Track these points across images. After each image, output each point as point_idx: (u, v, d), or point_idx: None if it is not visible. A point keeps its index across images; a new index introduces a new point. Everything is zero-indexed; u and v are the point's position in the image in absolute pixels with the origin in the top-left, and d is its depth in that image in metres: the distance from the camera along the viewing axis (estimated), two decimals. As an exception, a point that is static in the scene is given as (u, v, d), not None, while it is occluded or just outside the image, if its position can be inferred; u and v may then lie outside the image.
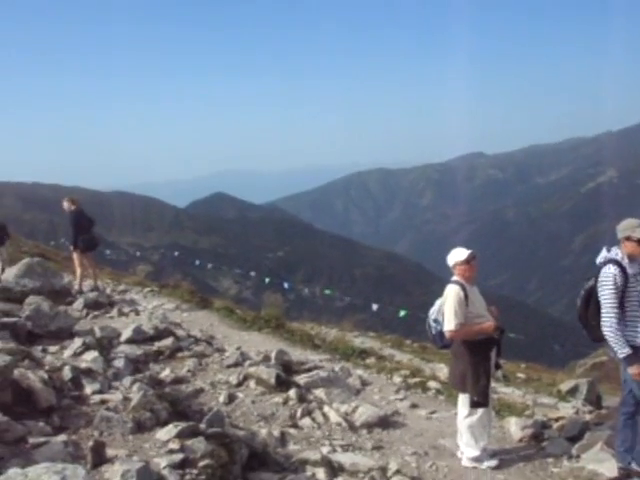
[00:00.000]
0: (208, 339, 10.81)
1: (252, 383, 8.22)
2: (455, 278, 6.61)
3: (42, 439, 5.01)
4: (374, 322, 47.08)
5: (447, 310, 6.46)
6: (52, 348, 8.10)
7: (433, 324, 6.76)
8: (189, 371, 8.55)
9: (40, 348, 7.94)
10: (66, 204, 14.76)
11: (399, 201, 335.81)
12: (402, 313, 22.72)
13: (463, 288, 6.48)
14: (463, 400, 6.73)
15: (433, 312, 6.78)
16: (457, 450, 6.91)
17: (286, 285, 47.22)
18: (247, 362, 9.06)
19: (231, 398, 7.71)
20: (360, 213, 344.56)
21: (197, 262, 51.60)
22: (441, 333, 6.63)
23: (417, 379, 10.19)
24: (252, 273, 66.67)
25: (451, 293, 6.47)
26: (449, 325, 6.42)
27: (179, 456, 4.91)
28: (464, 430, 6.70)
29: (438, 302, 6.74)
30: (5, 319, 8.35)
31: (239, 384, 8.26)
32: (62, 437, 5.10)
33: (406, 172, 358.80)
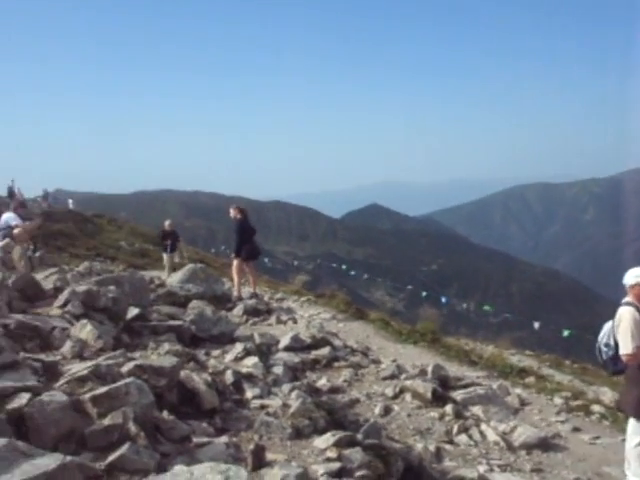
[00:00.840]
0: (364, 350, 10.83)
1: (408, 396, 8.15)
2: (628, 299, 6.26)
3: (205, 439, 5.17)
4: (531, 340, 45.83)
5: (623, 333, 6.12)
6: (214, 352, 8.37)
7: (604, 349, 6.42)
8: (345, 381, 8.59)
9: (203, 351, 8.22)
10: (233, 212, 15.16)
11: (560, 216, 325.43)
12: (566, 333, 21.96)
13: (638, 310, 6.14)
14: (634, 427, 6.35)
15: (603, 336, 6.43)
16: (624, 479, 6.55)
17: (444, 299, 46.73)
18: (403, 375, 9.01)
19: (387, 410, 7.68)
20: (519, 227, 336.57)
21: (352, 273, 52.02)
22: (613, 358, 6.30)
23: (579, 402, 9.79)
24: (409, 287, 66.50)
25: (626, 315, 6.13)
26: (626, 349, 6.08)
27: (336, 465, 4.93)
28: (634, 459, 6.32)
29: (607, 325, 6.40)
30: (171, 322, 8.71)
31: (395, 397, 8.22)
32: (224, 439, 5.24)
33: (569, 186, 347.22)
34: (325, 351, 9.45)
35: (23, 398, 4.86)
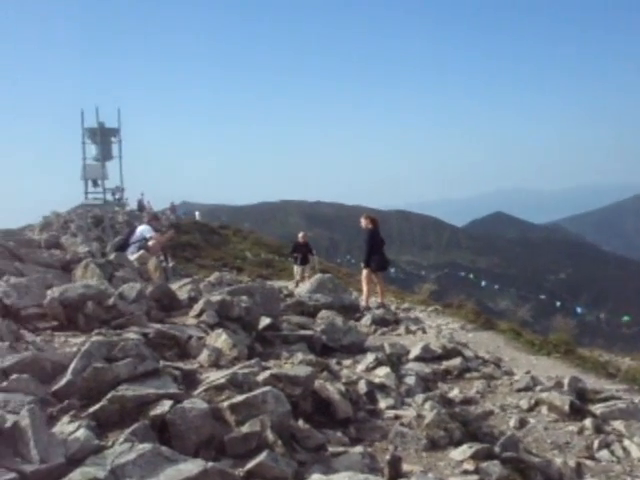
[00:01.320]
0: (496, 361, 10.61)
1: (544, 409, 7.89)
2: None
3: (340, 449, 5.17)
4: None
5: None
6: (345, 362, 8.38)
7: None
8: (478, 392, 8.41)
9: (334, 361, 8.24)
10: (364, 221, 15.19)
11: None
12: None
13: None
14: None
15: None
16: None
17: (579, 309, 45.27)
18: (538, 387, 8.72)
19: (522, 423, 7.45)
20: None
21: (483, 283, 51.16)
22: None
23: None
24: (542, 296, 64.72)
25: None
26: None
27: (474, 477, 4.83)
28: None
29: None
30: (302, 331, 8.79)
31: (530, 409, 7.97)
32: (359, 448, 5.22)
33: None
34: (456, 362, 9.30)
35: (165, 405, 5.00)
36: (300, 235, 23.71)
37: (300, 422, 5.42)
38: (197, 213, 60.49)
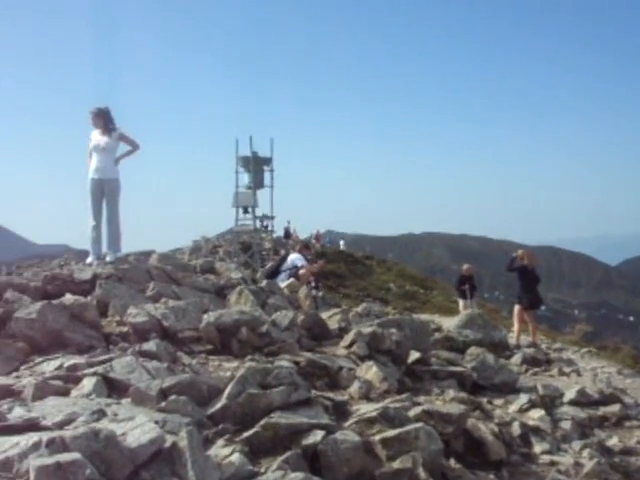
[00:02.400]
0: (657, 409, 9.97)
1: None
2: None
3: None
4: None
5: None
6: (497, 401, 8.12)
7: None
8: (639, 442, 7.92)
9: (485, 400, 8.01)
10: (522, 257, 14.90)
11: None
12: None
13: None
14: None
15: None
16: None
17: None
18: None
19: (689, 478, 6.95)
20: None
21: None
22: None
23: None
24: None
25: None
26: None
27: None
28: None
29: None
30: (452, 367, 8.61)
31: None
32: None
33: None
34: (615, 408, 8.80)
35: (317, 435, 5.00)
36: (464, 267, 23.07)
37: (452, 461, 5.29)
38: (342, 242, 61.04)
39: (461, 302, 22.71)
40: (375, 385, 6.70)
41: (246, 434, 4.97)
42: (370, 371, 6.94)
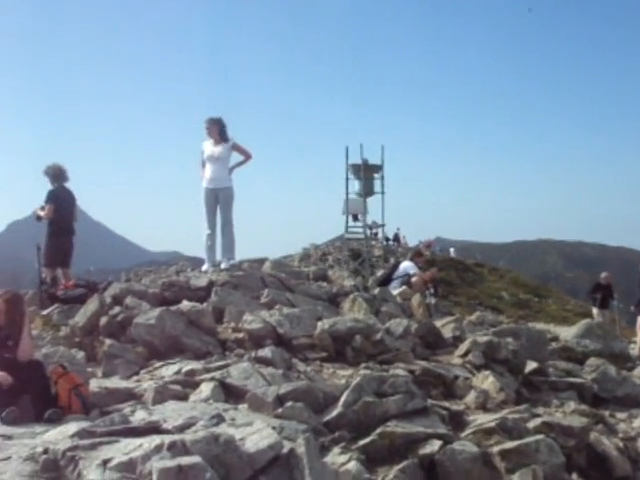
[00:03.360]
0: None
1: None
2: None
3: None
4: None
5: None
6: (620, 415, 7.79)
7: None
8: None
9: (607, 413, 7.70)
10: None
11: None
12: None
13: None
14: None
15: None
16: None
17: None
18: None
19: None
20: None
21: None
22: None
23: None
24: None
25: None
26: None
27: None
28: None
29: None
30: (570, 379, 8.33)
31: None
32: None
33: None
34: None
35: (434, 445, 4.94)
36: (602, 276, 22.10)
37: (574, 476, 5.13)
38: (452, 249, 60.26)
39: (594, 310, 21.85)
40: (492, 395, 6.56)
41: (362, 442, 4.97)
42: (487, 381, 6.81)
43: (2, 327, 6.20)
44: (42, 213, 11.15)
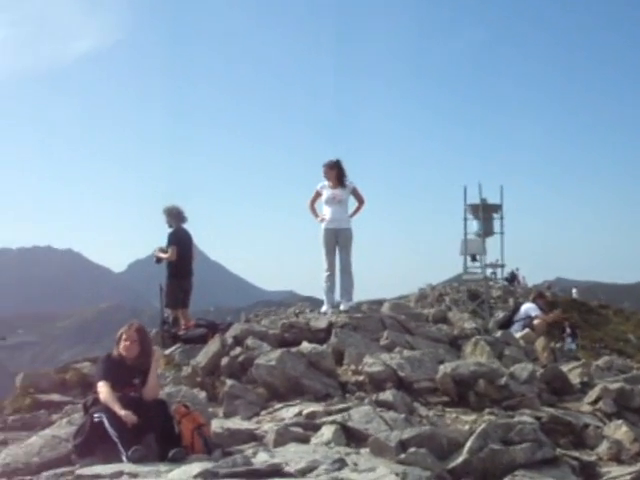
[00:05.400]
0: None
1: None
2: None
3: None
4: None
5: None
6: None
7: None
8: None
9: None
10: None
11: None
12: None
13: None
14: None
15: None
16: None
17: None
18: None
19: None
20: None
21: None
22: None
23: None
24: None
25: None
26: None
27: None
28: None
29: None
30: None
31: None
32: None
33: None
34: None
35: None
36: None
37: None
38: (574, 290, 58.39)
39: None
40: (626, 446, 6.20)
41: (489, 491, 4.79)
42: (619, 430, 6.44)
43: (133, 359, 6.30)
44: (163, 255, 11.38)
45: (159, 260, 11.53)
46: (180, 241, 11.32)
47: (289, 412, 6.87)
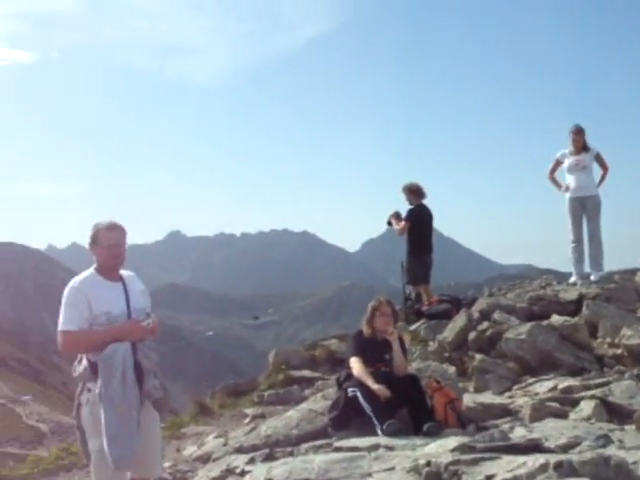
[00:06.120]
0: None
1: None
2: None
3: None
4: None
5: None
6: None
7: None
8: None
9: None
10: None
11: None
12: None
13: None
14: None
15: None
16: None
17: None
18: None
19: None
20: None
21: None
22: None
23: None
24: None
25: None
26: None
27: None
28: None
29: None
30: None
31: None
32: None
33: None
34: None
35: None
36: None
37: None
38: None
39: None
40: None
41: None
42: None
43: (379, 333, 6.37)
44: (394, 223, 11.29)
45: (389, 224, 11.49)
46: (418, 217, 11.23)
47: (543, 387, 6.66)
